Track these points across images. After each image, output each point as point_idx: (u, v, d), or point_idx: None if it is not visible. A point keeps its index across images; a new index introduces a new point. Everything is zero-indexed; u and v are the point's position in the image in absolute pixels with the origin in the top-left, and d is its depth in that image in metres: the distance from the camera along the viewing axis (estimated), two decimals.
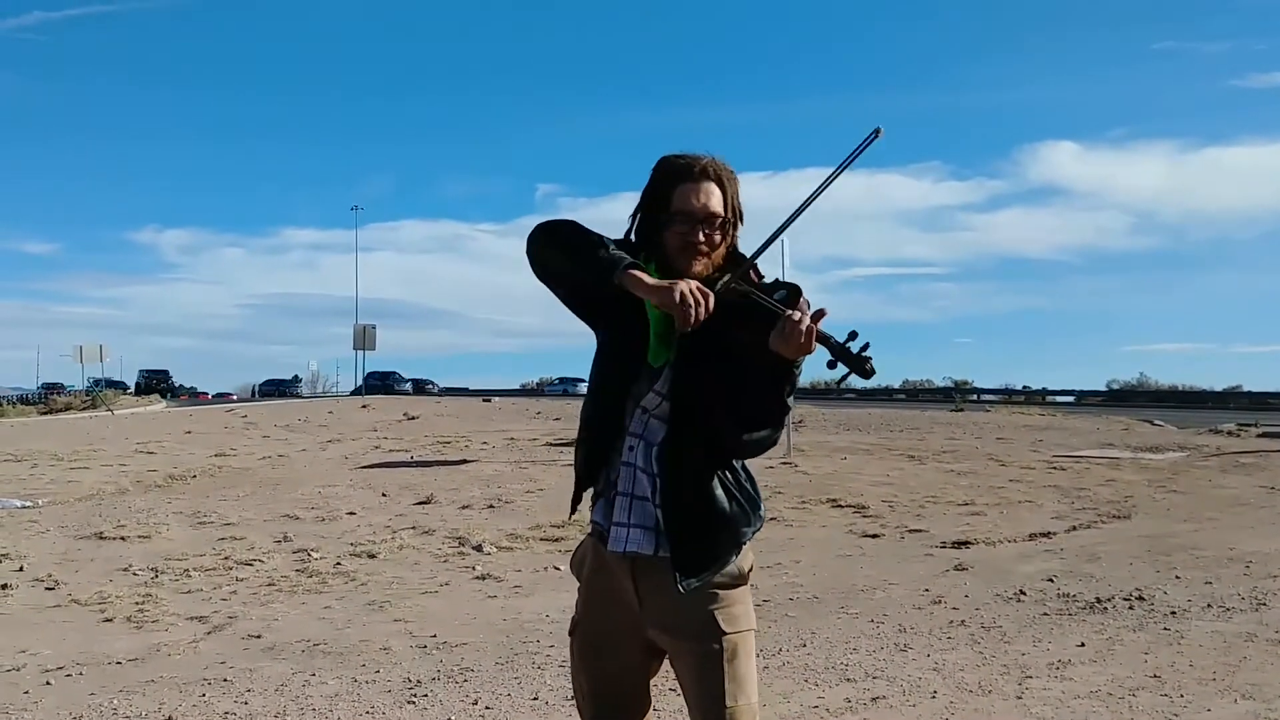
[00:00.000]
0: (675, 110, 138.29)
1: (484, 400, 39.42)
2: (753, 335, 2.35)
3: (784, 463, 14.53)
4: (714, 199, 2.51)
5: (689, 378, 2.49)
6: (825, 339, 2.30)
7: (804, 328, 2.27)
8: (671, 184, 2.53)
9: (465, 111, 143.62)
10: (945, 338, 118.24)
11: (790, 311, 2.31)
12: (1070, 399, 47.66)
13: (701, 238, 2.49)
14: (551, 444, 16.88)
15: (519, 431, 18.76)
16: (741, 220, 2.60)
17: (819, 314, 2.30)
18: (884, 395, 54.63)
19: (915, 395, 54.63)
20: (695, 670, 2.52)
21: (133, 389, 75.49)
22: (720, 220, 2.51)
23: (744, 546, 2.59)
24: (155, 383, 79.38)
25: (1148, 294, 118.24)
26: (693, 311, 2.31)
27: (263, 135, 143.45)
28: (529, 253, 2.59)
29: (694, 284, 2.34)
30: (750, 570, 2.63)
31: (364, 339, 57.39)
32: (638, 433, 2.54)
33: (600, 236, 2.52)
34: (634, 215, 2.61)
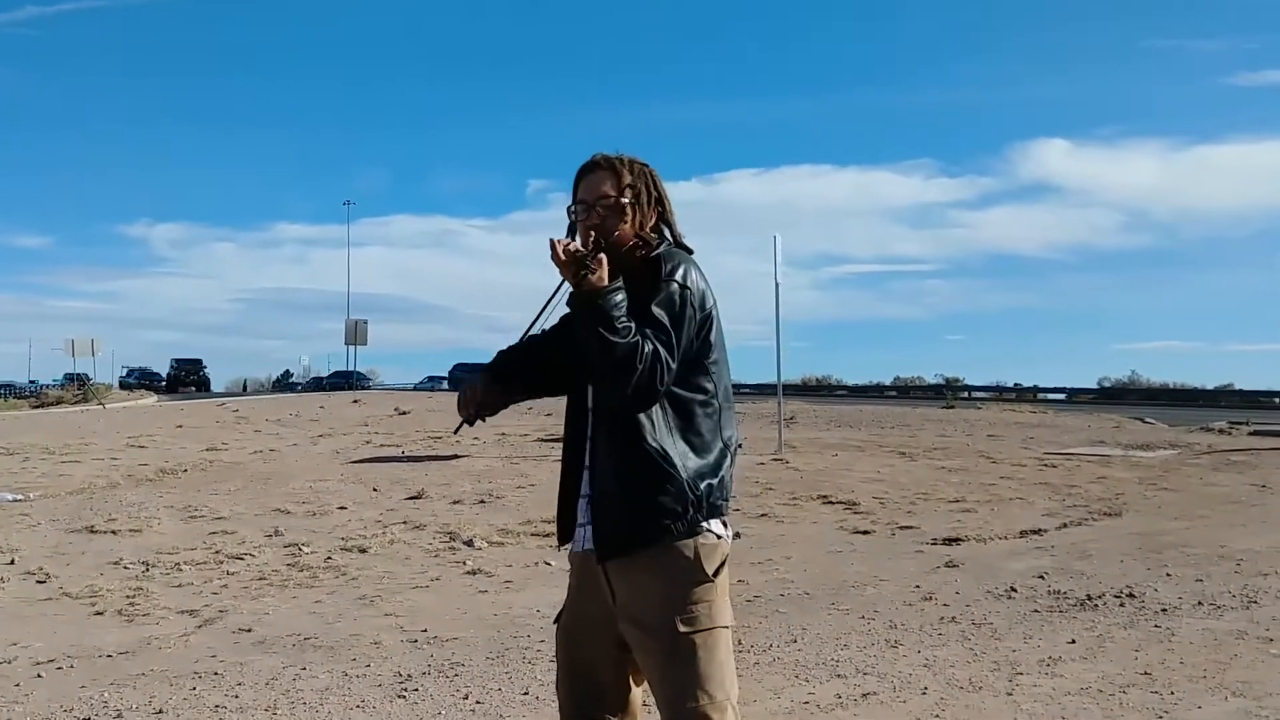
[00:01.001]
0: (665, 106, 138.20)
1: None
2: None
3: (775, 459, 14.54)
4: (604, 183, 2.71)
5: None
6: (569, 252, 2.51)
7: (551, 244, 2.50)
8: (576, 182, 2.77)
9: (457, 107, 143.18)
10: (936, 335, 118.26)
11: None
12: (1061, 396, 47.70)
13: (596, 219, 2.67)
14: (543, 439, 16.85)
15: (510, 427, 18.73)
16: (664, 205, 2.79)
17: (570, 232, 2.63)
18: (875, 392, 54.71)
19: (906, 392, 54.63)
20: (658, 668, 2.59)
21: (164, 380, 68.72)
22: (611, 200, 2.68)
23: (698, 539, 2.58)
24: (186, 374, 69.86)
25: (1139, 292, 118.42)
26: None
27: (254, 130, 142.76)
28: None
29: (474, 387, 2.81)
30: (720, 567, 2.62)
31: (355, 334, 57.29)
32: (591, 435, 2.70)
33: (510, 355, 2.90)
34: (569, 224, 2.80)
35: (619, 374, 2.47)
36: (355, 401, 33.26)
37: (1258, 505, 11.02)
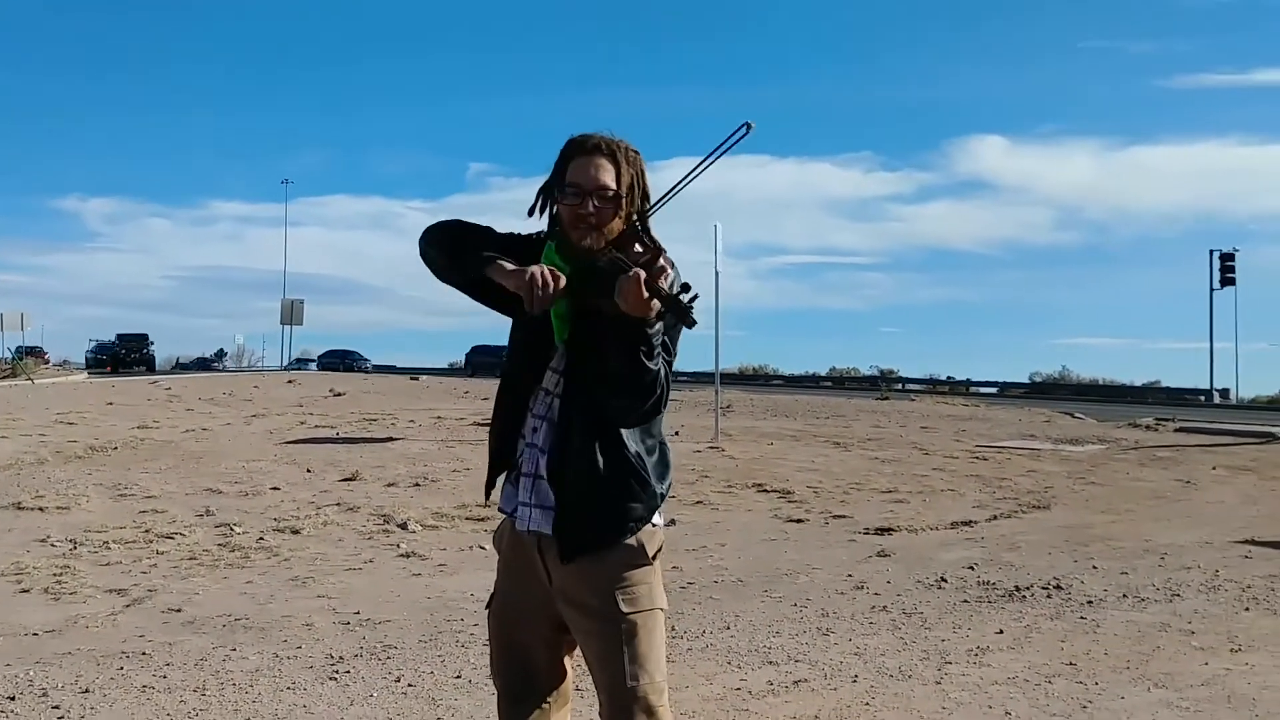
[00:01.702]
0: (609, 90, 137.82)
1: (411, 378, 39.07)
2: (611, 303, 2.38)
3: (711, 447, 14.60)
4: (604, 172, 2.55)
5: (580, 351, 2.55)
6: (656, 291, 2.30)
7: (635, 281, 2.29)
8: (567, 159, 2.60)
9: (396, 88, 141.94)
10: (872, 327, 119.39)
11: (633, 271, 2.32)
12: (994, 390, 48.37)
13: (590, 209, 2.54)
14: (479, 423, 16.78)
15: (446, 410, 18.65)
16: (648, 199, 2.64)
17: (657, 270, 2.32)
18: (811, 382, 55.10)
19: (842, 383, 55.08)
20: (598, 650, 2.58)
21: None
22: (611, 194, 2.56)
23: (645, 526, 2.61)
24: (129, 351, 57.68)
25: (1071, 289, 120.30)
26: (538, 293, 2.38)
27: (190, 107, 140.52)
28: (421, 256, 2.69)
29: (545, 267, 2.42)
30: (658, 551, 2.65)
31: (292, 314, 56.58)
32: (541, 414, 2.62)
33: (477, 234, 2.64)
34: (540, 192, 2.67)
35: (641, 398, 2.44)
36: (290, 382, 32.89)
37: (1182, 500, 11.26)
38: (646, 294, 2.28)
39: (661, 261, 2.37)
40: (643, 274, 2.29)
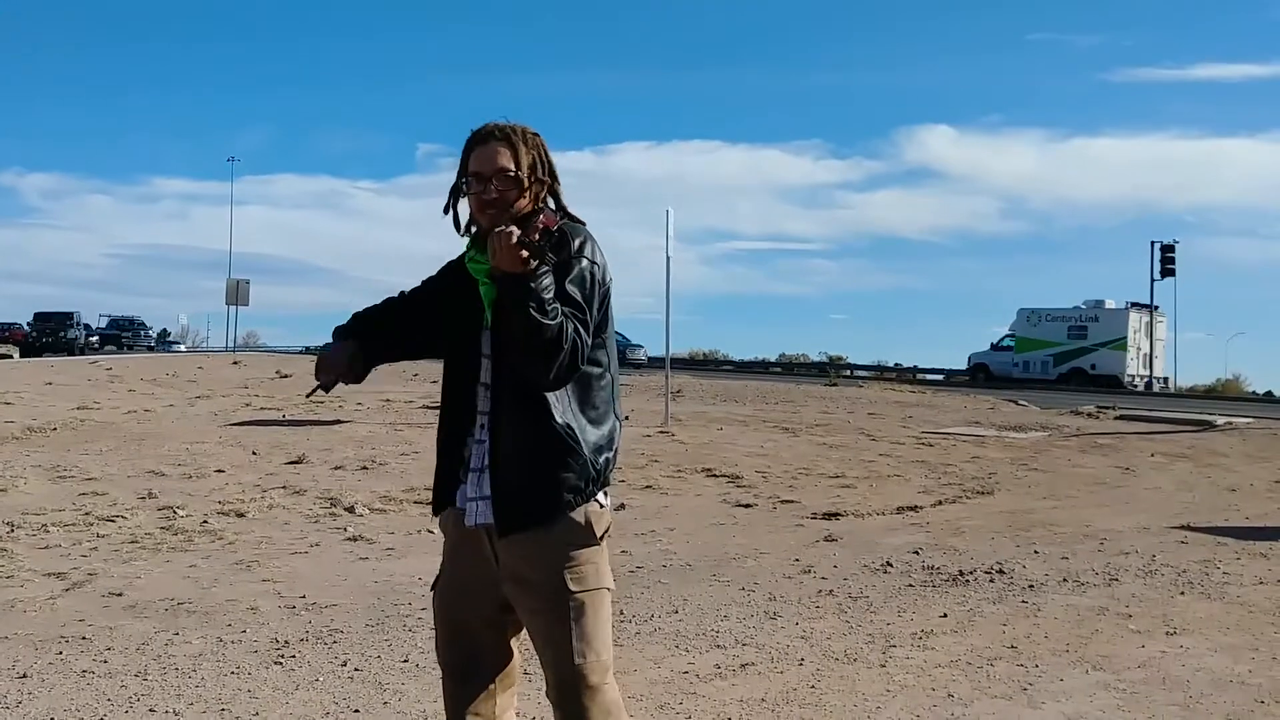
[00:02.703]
0: (561, 73, 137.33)
1: None
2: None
3: (661, 431, 14.63)
4: (502, 156, 2.62)
5: (499, 331, 2.59)
6: (523, 243, 2.40)
7: (503, 236, 2.39)
8: (468, 151, 2.68)
9: (344, 66, 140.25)
10: (821, 313, 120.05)
11: (499, 229, 2.44)
12: (940, 377, 48.79)
13: (494, 194, 2.60)
14: (428, 406, 16.67)
15: (395, 393, 18.51)
16: (556, 179, 2.72)
17: (530, 227, 2.44)
18: (760, 368, 55.30)
19: (790, 369, 55.28)
20: (545, 628, 2.62)
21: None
22: (511, 174, 2.61)
23: (590, 503, 2.64)
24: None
25: (1016, 277, 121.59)
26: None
27: (129, 82, 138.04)
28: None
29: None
30: (605, 531, 2.69)
31: (237, 294, 55.88)
32: (484, 409, 2.66)
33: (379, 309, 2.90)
34: (450, 193, 2.73)
35: (546, 355, 2.46)
36: (235, 363, 32.51)
37: (1121, 487, 11.45)
38: (513, 244, 2.38)
39: (537, 220, 2.49)
40: (511, 228, 2.40)
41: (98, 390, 19.73)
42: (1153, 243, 47.04)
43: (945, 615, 6.00)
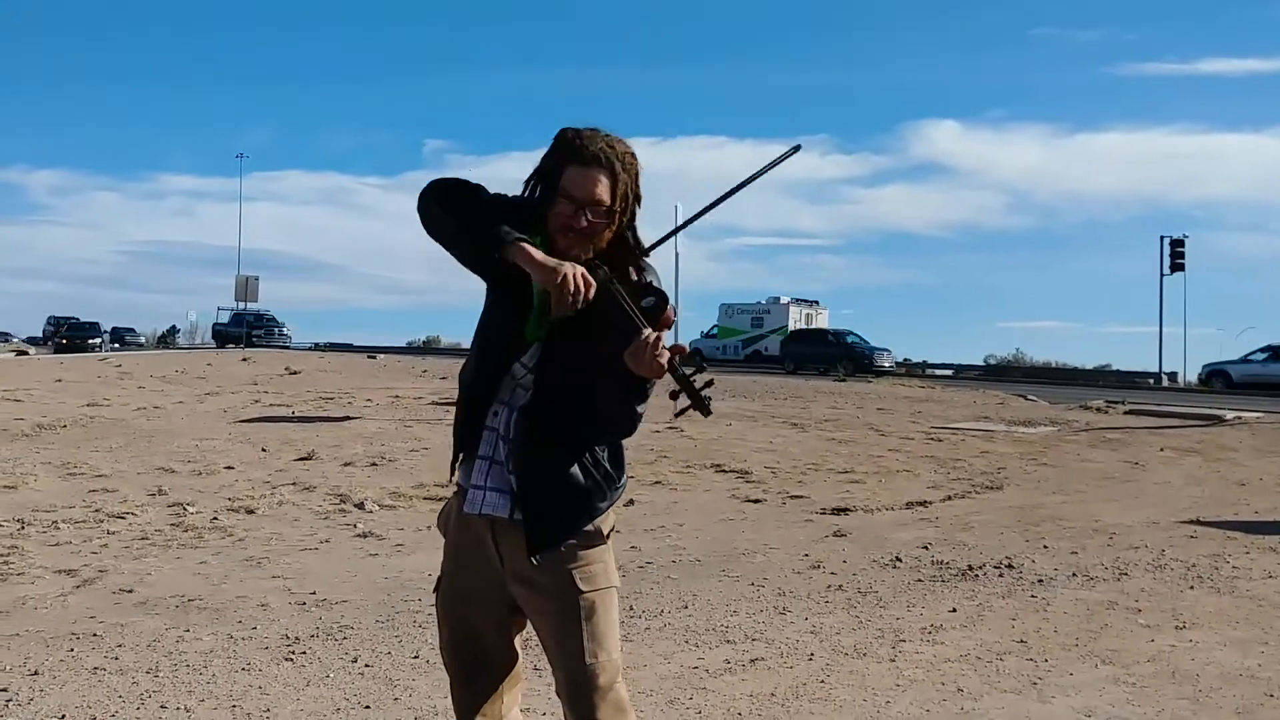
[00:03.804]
0: (568, 69, 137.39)
1: (368, 356, 38.80)
2: (611, 344, 2.38)
3: (670, 427, 14.62)
4: (600, 186, 2.48)
5: (555, 360, 2.53)
6: (674, 370, 2.34)
7: (656, 355, 2.33)
8: (563, 162, 2.51)
9: (350, 61, 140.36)
10: (829, 309, 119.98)
11: (647, 332, 2.33)
12: (949, 373, 48.71)
13: (584, 223, 2.48)
14: (437, 403, 16.70)
15: (404, 389, 18.55)
16: (639, 202, 2.60)
17: (677, 348, 2.36)
18: (769, 363, 55.24)
19: (800, 364, 55.27)
20: (555, 629, 2.60)
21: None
22: (605, 209, 2.50)
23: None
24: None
25: (1023, 272, 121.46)
26: (571, 297, 2.35)
27: (137, 78, 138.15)
28: (420, 211, 2.59)
29: (580, 270, 2.37)
30: (611, 530, 2.68)
31: (246, 291, 55.98)
32: (504, 400, 2.61)
33: (491, 203, 2.53)
34: (528, 182, 2.59)
35: (623, 434, 2.56)
36: (244, 360, 32.57)
37: (1130, 482, 11.42)
38: (664, 368, 2.33)
39: (669, 311, 2.40)
40: (665, 350, 2.32)
41: (107, 387, 19.79)
42: (1162, 237, 46.91)
43: (954, 610, 6.00)
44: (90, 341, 55.75)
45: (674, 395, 2.39)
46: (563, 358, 2.52)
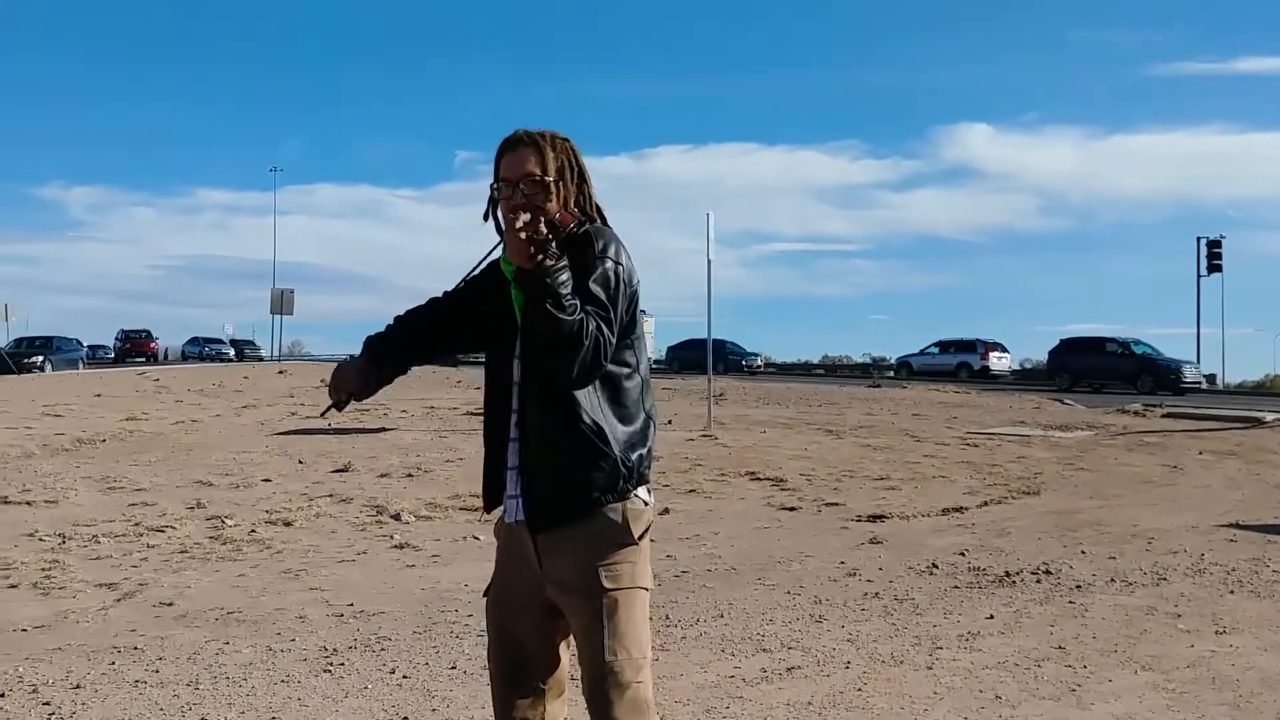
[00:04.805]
0: (598, 80, 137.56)
1: None
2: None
3: (704, 435, 14.63)
4: (528, 162, 2.66)
5: (525, 330, 2.61)
6: (533, 238, 2.45)
7: (511, 233, 2.46)
8: (499, 158, 2.72)
9: (382, 75, 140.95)
10: (862, 314, 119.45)
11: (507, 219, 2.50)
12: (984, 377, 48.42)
13: (521, 199, 2.63)
14: (472, 413, 16.76)
15: (439, 400, 18.64)
16: (587, 181, 2.78)
17: (534, 221, 2.46)
18: (803, 370, 55.13)
19: (833, 370, 55.15)
20: (581, 625, 2.64)
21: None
22: (537, 180, 2.65)
23: (627, 501, 2.65)
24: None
25: (1057, 275, 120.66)
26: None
27: (171, 93, 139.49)
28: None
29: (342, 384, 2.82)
30: (645, 531, 2.70)
31: (281, 303, 56.39)
32: (516, 408, 2.70)
33: (416, 313, 2.92)
34: (489, 198, 2.76)
35: (566, 351, 2.49)
36: (281, 372, 32.82)
37: (1169, 485, 11.32)
38: (523, 239, 2.43)
39: (553, 218, 2.56)
40: (519, 221, 2.45)
41: (145, 401, 19.99)
42: (1199, 238, 46.50)
43: (992, 616, 5.96)
44: (28, 360, 44.12)
45: (540, 253, 2.47)
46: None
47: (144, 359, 53.56)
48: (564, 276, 2.47)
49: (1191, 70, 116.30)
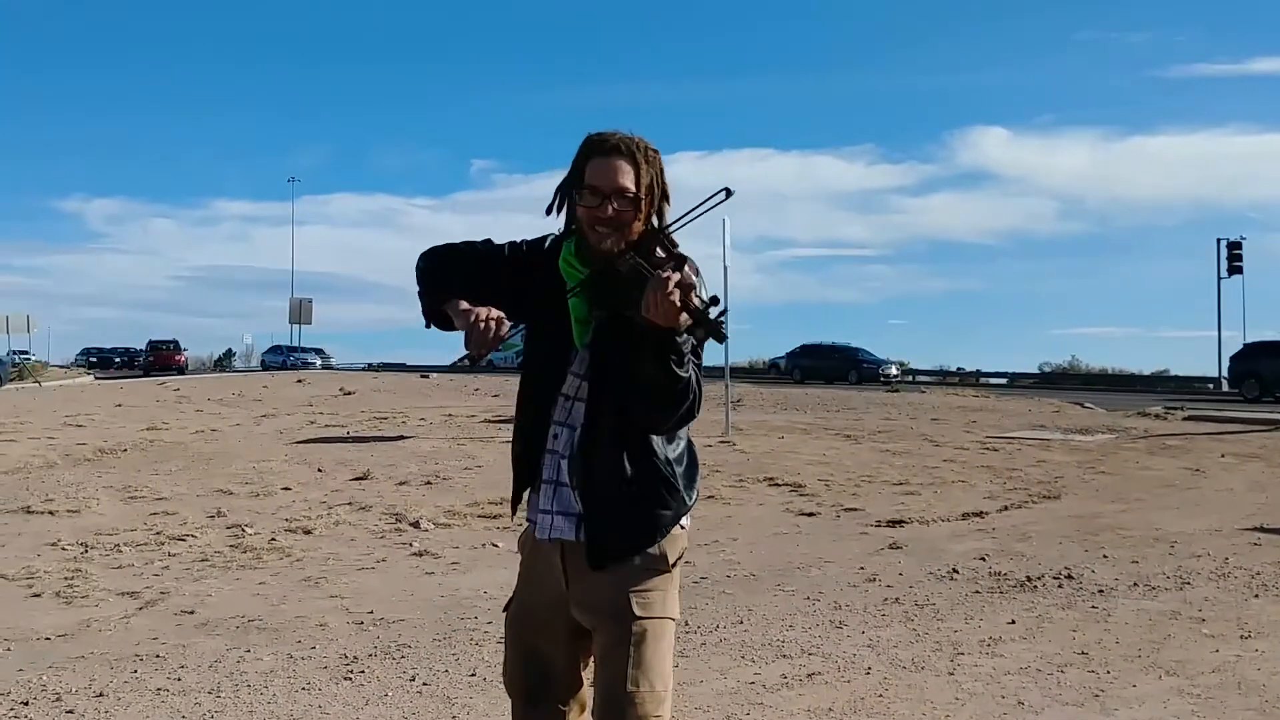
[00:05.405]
0: (612, 87, 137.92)
1: (421, 376, 39.10)
2: (637, 310, 2.36)
3: (722, 441, 14.61)
4: (624, 175, 2.51)
5: (601, 356, 2.52)
6: (686, 305, 2.29)
7: (668, 294, 2.26)
8: (585, 159, 2.55)
9: (397, 84, 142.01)
10: (879, 319, 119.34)
11: (655, 275, 2.31)
12: (1003, 381, 48.27)
13: (610, 212, 2.50)
14: (490, 420, 16.81)
15: (457, 408, 18.68)
16: (668, 200, 2.62)
17: (685, 282, 2.29)
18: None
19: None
20: (603, 650, 2.55)
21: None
22: (630, 196, 2.51)
23: (671, 532, 2.59)
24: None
25: (1076, 278, 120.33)
26: (477, 337, 2.42)
27: (188, 105, 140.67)
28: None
29: (490, 311, 2.46)
30: (679, 559, 2.63)
31: (300, 313, 56.64)
32: (561, 420, 2.59)
33: (453, 264, 2.67)
34: (558, 190, 2.63)
35: (673, 405, 2.42)
36: (299, 381, 32.95)
37: (1191, 489, 11.25)
38: (677, 306, 2.27)
39: (687, 269, 2.35)
40: (670, 283, 2.26)
41: (166, 411, 20.10)
42: (1219, 240, 46.22)
43: (1013, 622, 5.93)
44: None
45: (689, 329, 2.33)
46: (606, 355, 2.51)
47: (173, 371, 53.33)
48: (689, 336, 2.37)
49: (1208, 71, 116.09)
